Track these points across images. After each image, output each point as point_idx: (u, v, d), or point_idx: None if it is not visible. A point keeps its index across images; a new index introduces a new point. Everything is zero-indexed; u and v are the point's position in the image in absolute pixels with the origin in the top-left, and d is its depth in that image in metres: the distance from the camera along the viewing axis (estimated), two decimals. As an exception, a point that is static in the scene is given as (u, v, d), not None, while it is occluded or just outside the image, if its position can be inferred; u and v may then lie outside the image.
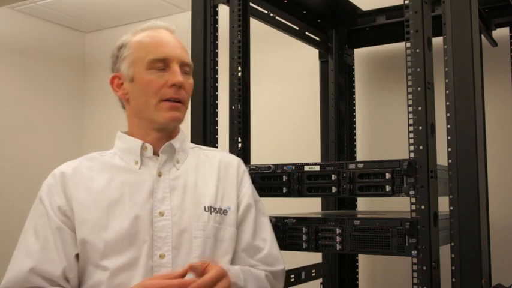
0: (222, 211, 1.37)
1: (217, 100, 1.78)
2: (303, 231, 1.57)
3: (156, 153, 1.38)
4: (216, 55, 1.78)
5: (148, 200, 1.31)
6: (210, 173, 1.42)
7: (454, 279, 1.36)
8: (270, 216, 1.54)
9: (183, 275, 1.19)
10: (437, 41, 1.52)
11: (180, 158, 1.40)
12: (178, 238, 1.28)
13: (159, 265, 1.26)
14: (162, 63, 1.35)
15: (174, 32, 1.43)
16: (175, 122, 1.37)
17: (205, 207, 1.35)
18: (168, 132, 1.39)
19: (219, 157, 1.47)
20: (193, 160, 1.43)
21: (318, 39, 2.43)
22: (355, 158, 2.46)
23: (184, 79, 1.37)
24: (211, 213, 1.35)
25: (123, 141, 1.40)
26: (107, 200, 1.30)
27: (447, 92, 1.41)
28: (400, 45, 2.08)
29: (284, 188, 1.61)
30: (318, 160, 2.40)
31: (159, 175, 1.35)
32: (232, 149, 1.70)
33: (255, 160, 1.74)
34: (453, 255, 1.36)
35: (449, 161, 1.39)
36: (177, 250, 1.28)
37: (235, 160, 1.49)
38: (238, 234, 1.39)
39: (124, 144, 1.39)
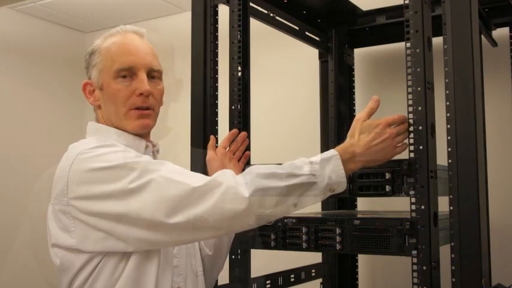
0: None
1: (217, 100, 1.78)
2: (303, 231, 1.57)
3: None
4: (216, 55, 1.78)
5: None
6: None
7: (454, 279, 1.36)
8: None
9: None
10: (437, 41, 1.52)
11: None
12: None
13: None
14: (128, 72, 1.35)
15: (144, 36, 1.43)
16: (145, 129, 1.40)
17: None
18: (143, 137, 1.42)
19: None
20: None
21: (317, 39, 2.43)
22: (355, 158, 2.46)
23: (153, 86, 1.37)
24: None
25: (123, 138, 1.39)
26: None
27: (447, 92, 1.41)
28: (400, 45, 2.08)
29: (284, 188, 1.61)
30: (318, 160, 2.40)
31: None
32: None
33: (255, 160, 1.74)
34: (453, 255, 1.36)
35: (449, 161, 1.39)
36: None
37: None
38: None
39: (126, 141, 1.39)
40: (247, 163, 1.69)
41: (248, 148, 1.72)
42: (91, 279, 1.25)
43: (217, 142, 1.73)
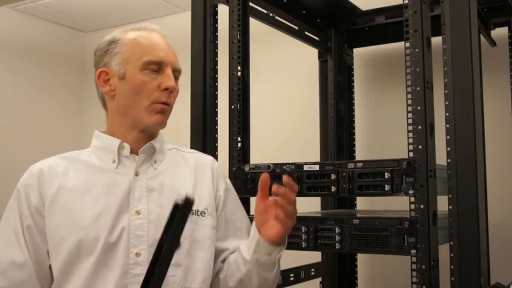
0: (199, 212, 1.37)
1: (217, 100, 1.78)
2: (303, 231, 1.57)
3: (134, 153, 1.37)
4: (215, 55, 1.79)
5: (125, 198, 1.31)
6: (187, 174, 1.43)
7: (452, 278, 1.36)
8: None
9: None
10: (436, 40, 1.52)
11: (158, 158, 1.40)
12: (154, 236, 1.28)
13: (134, 263, 1.27)
14: (157, 66, 1.35)
15: (167, 37, 1.43)
16: (161, 125, 1.38)
17: None
18: (150, 134, 1.39)
19: (195, 158, 1.47)
20: (171, 161, 1.43)
21: (317, 38, 2.43)
22: (354, 157, 2.47)
23: (175, 84, 1.38)
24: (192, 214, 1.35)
25: (100, 139, 1.39)
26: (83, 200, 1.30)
27: (446, 91, 1.41)
28: (400, 45, 2.08)
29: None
30: (318, 159, 2.41)
31: (136, 174, 1.34)
32: (232, 149, 1.70)
33: (254, 159, 1.74)
34: (452, 254, 1.37)
35: (448, 160, 1.39)
36: (153, 248, 1.26)
37: (209, 160, 1.48)
38: (227, 219, 1.43)
39: (101, 142, 1.38)
40: (244, 161, 1.67)
41: (246, 154, 1.69)
42: None
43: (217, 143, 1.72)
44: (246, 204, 1.65)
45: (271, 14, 2.05)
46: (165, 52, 1.37)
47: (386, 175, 1.44)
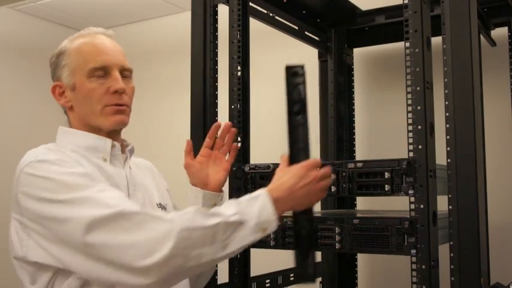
0: (162, 206, 1.48)
1: (217, 100, 1.78)
2: (303, 231, 1.57)
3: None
4: (215, 55, 1.78)
5: (126, 192, 1.38)
6: (144, 174, 1.51)
7: (452, 278, 1.36)
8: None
9: None
10: (436, 40, 1.52)
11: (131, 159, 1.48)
12: None
13: None
14: (103, 71, 1.36)
15: (112, 36, 1.44)
16: (121, 124, 1.40)
17: (157, 204, 1.47)
18: (114, 136, 1.42)
19: (137, 162, 1.54)
20: (131, 162, 1.49)
21: (317, 38, 2.43)
22: (354, 157, 2.47)
23: (125, 84, 1.39)
24: (162, 210, 1.47)
25: (84, 138, 1.39)
26: None
27: (446, 91, 1.41)
28: (399, 45, 2.08)
29: (284, 187, 1.61)
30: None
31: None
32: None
33: (254, 159, 1.74)
34: (452, 254, 1.37)
35: (448, 160, 1.39)
36: None
37: (149, 163, 1.61)
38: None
39: (87, 141, 1.38)
40: (244, 161, 1.68)
41: (246, 154, 1.69)
42: None
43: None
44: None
45: (271, 14, 2.05)
46: (109, 55, 1.38)
47: (386, 175, 1.44)
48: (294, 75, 1.27)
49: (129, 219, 1.16)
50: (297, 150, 1.33)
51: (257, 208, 1.21)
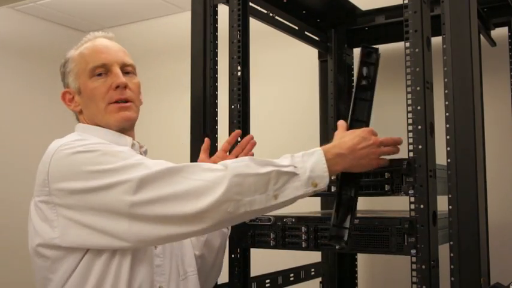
0: None
1: (217, 100, 1.78)
2: (303, 230, 1.57)
3: None
4: (215, 55, 1.79)
5: None
6: None
7: (452, 278, 1.36)
8: (269, 216, 1.59)
9: None
10: (436, 40, 1.52)
11: None
12: None
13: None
14: (103, 69, 1.39)
15: (112, 39, 1.47)
16: (127, 121, 1.41)
17: None
18: (127, 133, 1.42)
19: None
20: None
21: (317, 38, 2.43)
22: (354, 157, 2.46)
23: (128, 80, 1.40)
24: None
25: (106, 134, 1.39)
26: None
27: (446, 91, 1.41)
28: (399, 45, 2.08)
29: (284, 187, 1.61)
30: (318, 159, 2.40)
31: None
32: (232, 149, 1.70)
33: (254, 159, 1.74)
34: (452, 254, 1.37)
35: (448, 160, 1.39)
36: None
37: None
38: None
39: (108, 137, 1.38)
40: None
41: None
42: (65, 278, 1.24)
43: (216, 142, 1.73)
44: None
45: (271, 14, 2.05)
46: (108, 53, 1.40)
47: (386, 175, 1.44)
48: (367, 54, 1.33)
49: (178, 173, 1.18)
50: (358, 122, 1.40)
51: (311, 163, 1.24)
